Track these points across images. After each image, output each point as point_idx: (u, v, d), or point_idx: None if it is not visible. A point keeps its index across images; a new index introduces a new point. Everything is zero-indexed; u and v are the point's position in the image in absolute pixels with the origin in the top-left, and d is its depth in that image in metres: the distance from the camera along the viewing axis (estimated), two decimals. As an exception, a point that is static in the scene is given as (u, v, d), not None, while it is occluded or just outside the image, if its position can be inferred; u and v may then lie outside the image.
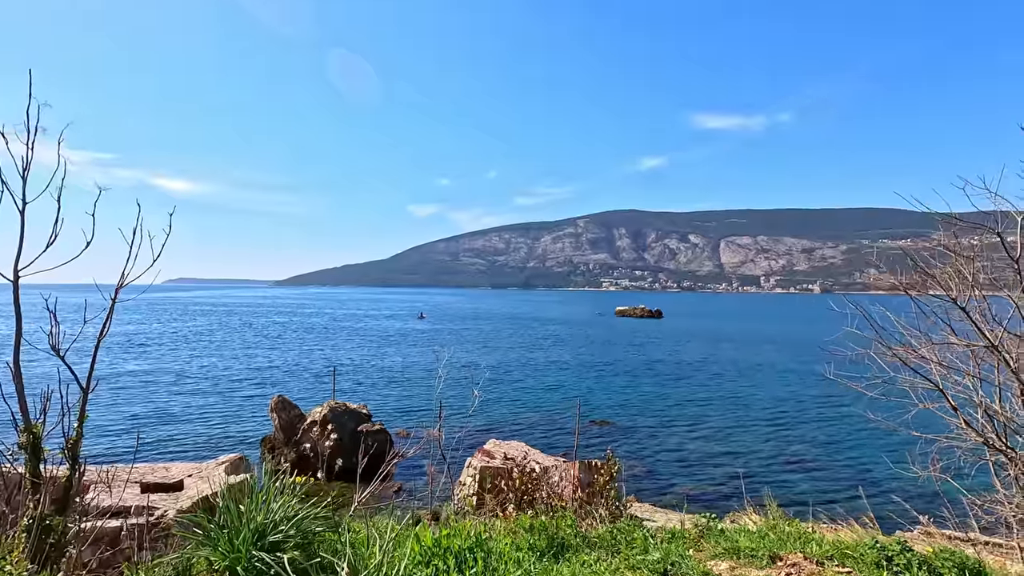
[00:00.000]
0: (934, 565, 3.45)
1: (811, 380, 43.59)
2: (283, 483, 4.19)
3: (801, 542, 3.88)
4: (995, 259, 6.25)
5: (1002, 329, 4.96)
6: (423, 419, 29.37)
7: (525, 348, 62.21)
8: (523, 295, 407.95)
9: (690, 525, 10.84)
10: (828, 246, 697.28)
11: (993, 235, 4.90)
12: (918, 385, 5.98)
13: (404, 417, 29.92)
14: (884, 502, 17.68)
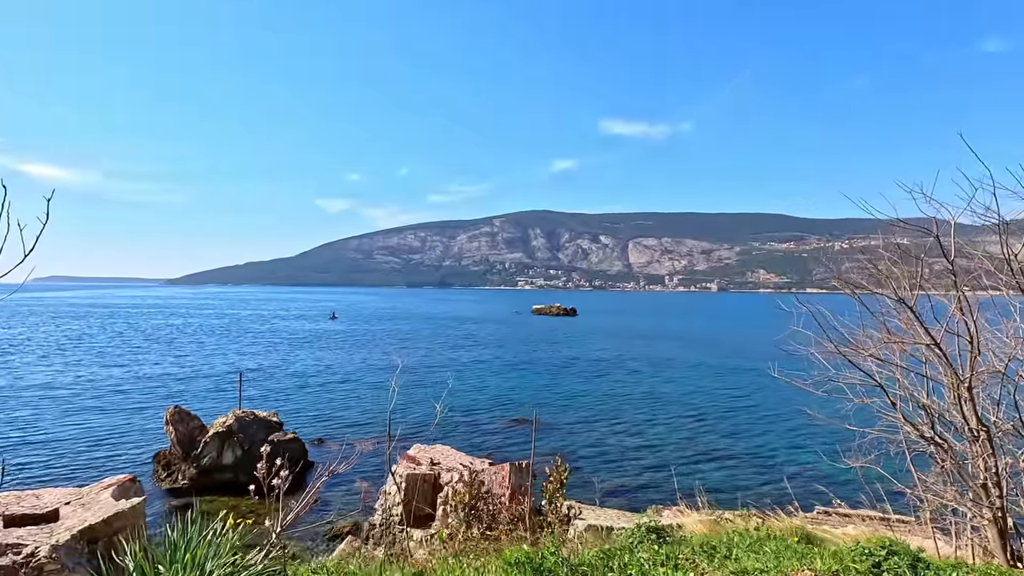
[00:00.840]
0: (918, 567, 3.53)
1: (720, 373, 46.50)
2: (215, 532, 3.43)
3: (799, 557, 3.85)
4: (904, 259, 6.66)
5: (942, 328, 5.24)
6: (340, 426, 27.90)
7: (445, 348, 61.33)
8: (439, 294, 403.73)
9: (630, 524, 10.88)
10: (724, 248, 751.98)
11: (930, 237, 5.15)
12: (854, 381, 6.23)
13: (320, 424, 28.26)
14: (803, 489, 19.06)
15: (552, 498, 6.98)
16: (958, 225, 5.21)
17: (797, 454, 24.49)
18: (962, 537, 7.28)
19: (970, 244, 5.34)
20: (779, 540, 4.68)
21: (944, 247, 5.09)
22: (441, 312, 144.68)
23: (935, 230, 5.09)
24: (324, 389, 36.82)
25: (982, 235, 5.37)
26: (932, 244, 5.13)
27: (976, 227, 5.54)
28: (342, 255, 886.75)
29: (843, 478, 21.29)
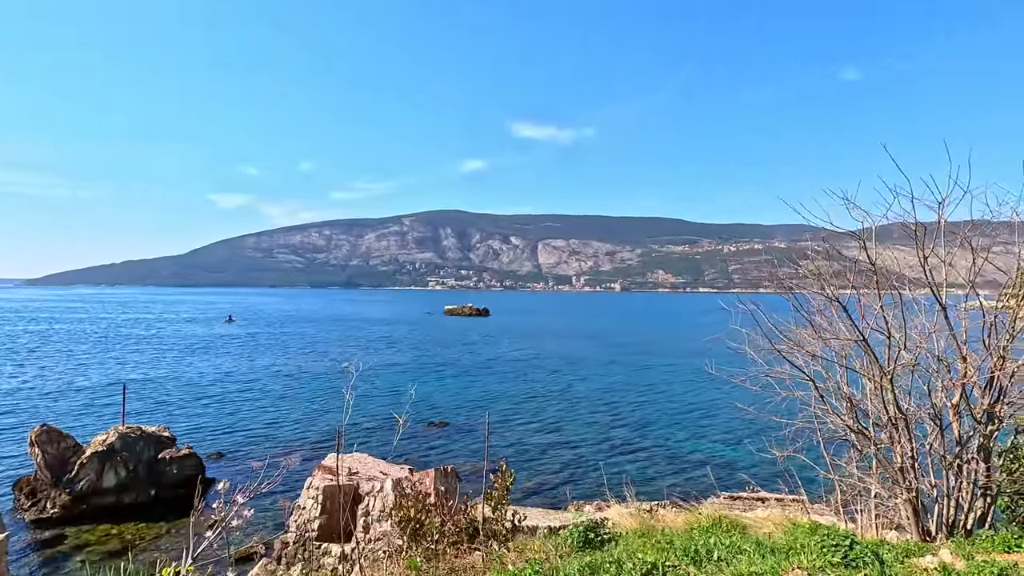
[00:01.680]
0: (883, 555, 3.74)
1: (631, 370, 48.54)
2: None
3: (784, 554, 3.91)
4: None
5: (868, 326, 5.64)
6: (243, 438, 25.83)
7: (357, 351, 58.95)
8: (346, 294, 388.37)
9: (554, 522, 10.87)
10: (626, 250, 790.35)
11: (857, 241, 5.52)
12: (782, 376, 6.57)
13: (220, 437, 25.98)
14: (707, 477, 20.16)
15: (498, 505, 6.75)
16: (880, 229, 5.64)
17: (707, 445, 26.03)
18: (863, 516, 7.97)
19: (888, 248, 5.81)
20: (752, 539, 4.79)
21: (867, 251, 5.50)
22: (350, 313, 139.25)
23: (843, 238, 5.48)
24: (223, 399, 33.96)
25: (896, 240, 5.87)
26: (816, 246, 5.49)
27: (859, 232, 6.07)
28: (239, 253, 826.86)
29: (745, 464, 22.95)
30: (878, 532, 7.33)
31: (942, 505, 5.60)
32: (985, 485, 5.55)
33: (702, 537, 4.81)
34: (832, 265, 7.28)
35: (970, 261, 5.56)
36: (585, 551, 5.77)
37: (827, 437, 7.14)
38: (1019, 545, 4.94)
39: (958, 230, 5.57)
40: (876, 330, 5.68)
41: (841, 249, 7.34)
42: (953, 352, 5.62)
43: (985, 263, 5.49)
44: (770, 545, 4.39)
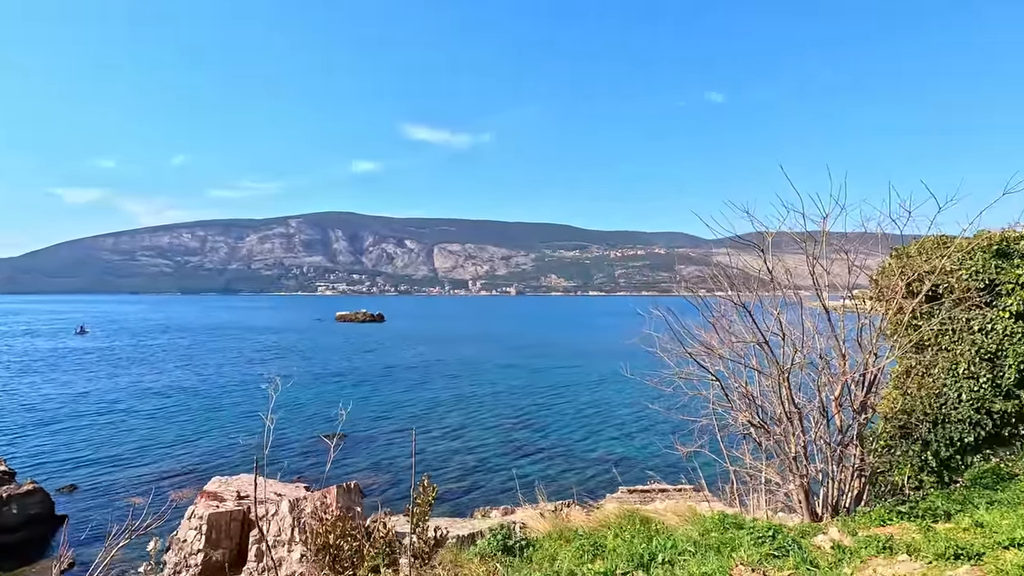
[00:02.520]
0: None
1: (531, 372, 49.44)
2: None
3: (727, 550, 4.05)
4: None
5: (767, 328, 6.16)
6: (102, 467, 22.70)
7: (240, 363, 54.32)
8: (224, 301, 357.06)
9: (463, 531, 10.70)
10: (521, 254, 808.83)
11: (758, 252, 6.02)
12: (689, 377, 6.98)
13: (72, 468, 22.62)
14: (626, 473, 20.98)
15: (420, 521, 6.46)
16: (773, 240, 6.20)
17: (605, 443, 27.13)
18: (754, 501, 8.72)
19: (780, 258, 6.41)
20: (691, 539, 4.97)
21: (765, 259, 6.03)
22: (229, 322, 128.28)
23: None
24: (75, 424, 29.65)
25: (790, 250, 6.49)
26: (691, 252, 5.98)
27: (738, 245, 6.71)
28: (92, 256, 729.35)
29: (642, 458, 24.27)
30: (767, 515, 8.04)
31: (827, 488, 6.26)
32: (860, 468, 6.29)
33: (636, 539, 4.94)
34: (704, 270, 7.89)
35: (846, 269, 6.28)
36: (518, 565, 5.69)
37: (726, 432, 7.72)
38: (891, 519, 5.65)
39: (838, 241, 6.28)
40: (775, 333, 6.23)
41: (715, 256, 7.97)
42: (834, 351, 6.32)
43: (859, 270, 6.24)
44: (707, 543, 4.62)
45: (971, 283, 7.91)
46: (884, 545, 4.77)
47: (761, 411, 6.55)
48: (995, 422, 7.79)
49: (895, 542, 4.99)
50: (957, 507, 5.79)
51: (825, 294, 6.24)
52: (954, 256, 7.48)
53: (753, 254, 7.33)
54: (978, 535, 4.85)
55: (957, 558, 4.28)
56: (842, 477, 6.27)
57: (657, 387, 7.21)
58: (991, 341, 7.83)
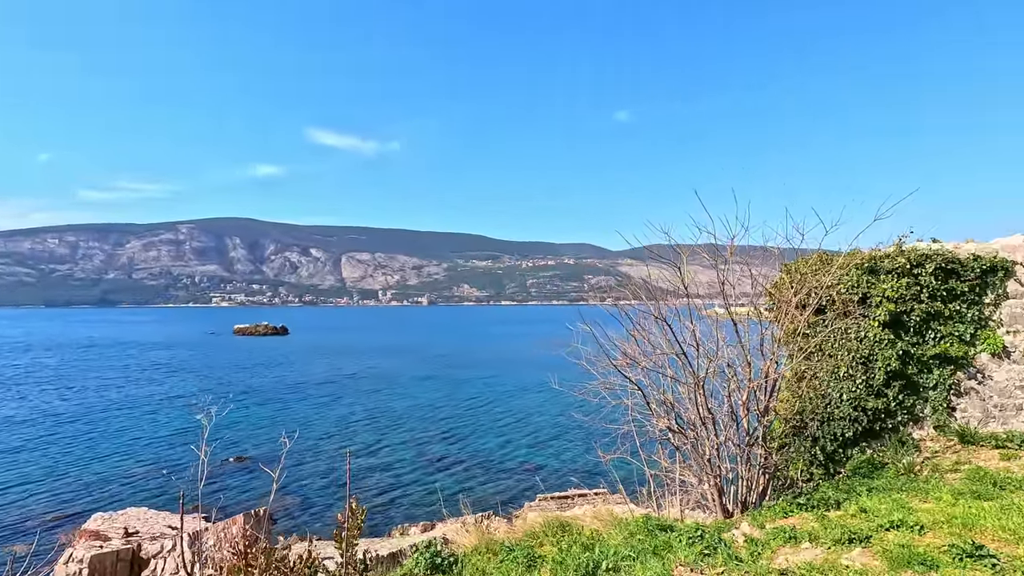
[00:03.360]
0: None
1: (448, 385, 48.88)
2: None
3: (654, 552, 4.24)
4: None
5: (684, 338, 6.63)
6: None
7: (125, 384, 48.96)
8: (101, 314, 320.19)
9: (384, 551, 10.44)
10: (433, 264, 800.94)
11: (674, 267, 6.49)
12: (612, 387, 7.34)
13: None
14: (546, 480, 21.22)
15: (349, 546, 6.22)
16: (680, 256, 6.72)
17: (523, 452, 27.41)
18: (669, 502, 9.27)
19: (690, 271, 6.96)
20: (637, 544, 5.17)
21: (681, 274, 6.54)
22: (108, 337, 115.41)
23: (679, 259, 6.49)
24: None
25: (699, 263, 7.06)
26: (598, 262, 6.46)
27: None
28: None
29: (557, 466, 24.83)
30: (682, 514, 8.59)
31: (737, 486, 6.84)
32: (764, 466, 6.95)
33: (574, 547, 5.10)
34: (610, 279, 8.40)
35: (749, 282, 6.94)
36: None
37: (645, 439, 8.18)
38: (792, 511, 6.28)
39: (742, 257, 6.93)
40: (690, 344, 6.75)
41: (620, 266, 8.52)
42: (741, 359, 6.94)
43: (761, 285, 6.91)
44: (644, 548, 4.87)
45: (848, 296, 9.02)
46: (789, 535, 5.30)
47: (678, 417, 7.04)
48: (869, 418, 8.90)
49: (798, 532, 5.55)
50: (844, 496, 6.55)
51: (733, 307, 6.87)
52: (834, 273, 8.49)
53: (658, 265, 7.89)
54: (864, 520, 5.52)
55: (851, 542, 4.86)
56: (749, 475, 6.88)
57: (584, 397, 7.50)
58: (864, 347, 8.96)
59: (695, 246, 7.00)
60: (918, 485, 6.62)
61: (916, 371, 8.97)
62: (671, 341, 6.83)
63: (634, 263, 9.03)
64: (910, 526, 5.07)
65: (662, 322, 6.83)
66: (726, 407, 6.89)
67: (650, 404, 6.99)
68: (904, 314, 8.84)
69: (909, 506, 5.77)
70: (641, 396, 7.02)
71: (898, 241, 9.16)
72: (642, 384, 7.00)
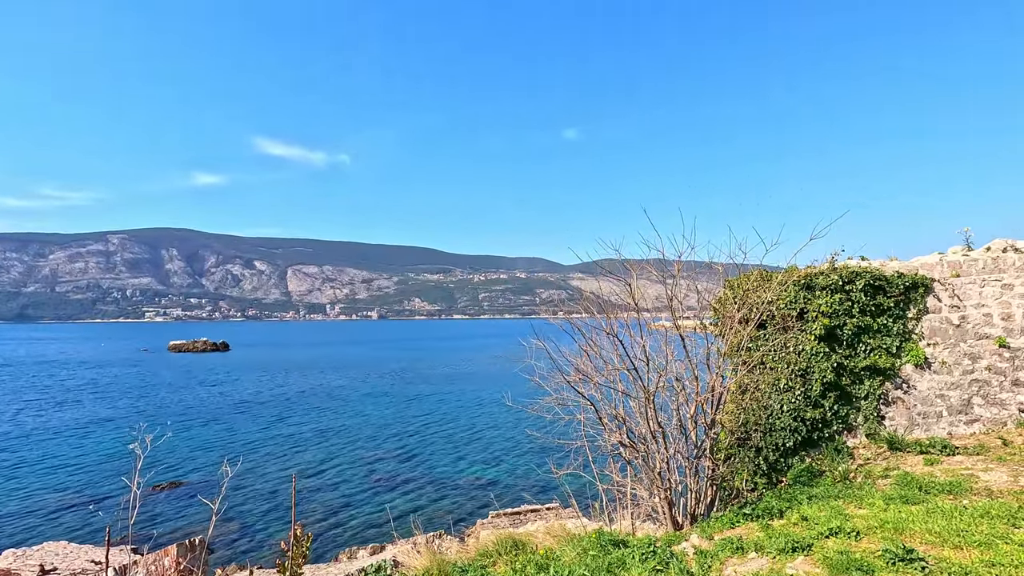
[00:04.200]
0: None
1: (394, 401, 47.83)
2: None
3: (608, 569, 4.20)
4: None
5: (634, 353, 6.74)
6: None
7: (47, 406, 45.26)
8: (19, 330, 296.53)
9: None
10: (383, 277, 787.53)
11: (625, 283, 6.62)
12: (567, 402, 7.37)
13: None
14: (500, 497, 20.93)
15: (293, 571, 5.91)
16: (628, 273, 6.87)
17: (473, 468, 27.06)
18: (620, 516, 9.35)
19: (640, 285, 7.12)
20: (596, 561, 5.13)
21: (631, 290, 6.67)
22: (26, 355, 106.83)
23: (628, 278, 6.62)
24: None
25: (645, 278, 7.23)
26: (550, 277, 6.59)
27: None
28: None
29: (509, 482, 24.65)
30: (633, 527, 8.68)
31: (686, 498, 6.97)
32: (712, 477, 7.12)
33: (528, 567, 5.03)
34: (561, 293, 8.55)
35: (694, 297, 7.17)
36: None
37: (597, 453, 8.24)
38: (739, 521, 6.45)
39: (689, 273, 7.15)
40: (640, 359, 6.87)
41: (571, 280, 8.67)
42: (689, 373, 7.13)
43: (705, 300, 7.15)
44: (599, 565, 4.86)
45: (787, 311, 9.45)
46: (737, 546, 5.44)
47: (630, 431, 7.13)
48: (807, 428, 9.31)
49: (744, 542, 5.70)
50: (787, 504, 6.80)
51: (680, 321, 7.07)
52: (774, 289, 8.90)
53: (609, 280, 8.06)
54: (805, 528, 5.74)
55: (794, 551, 5.03)
56: (698, 487, 7.04)
57: (537, 413, 7.49)
58: (803, 360, 9.39)
59: (644, 261, 7.19)
60: (853, 492, 6.95)
61: (849, 382, 9.48)
62: (622, 356, 6.94)
63: (585, 277, 9.22)
64: (847, 532, 5.30)
65: (613, 337, 6.94)
66: (675, 420, 7.04)
67: (602, 419, 7.06)
68: (838, 328, 9.35)
69: (846, 513, 6.04)
70: (594, 411, 7.07)
71: (831, 259, 9.70)
72: (594, 399, 7.07)
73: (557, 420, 8.15)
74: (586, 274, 7.36)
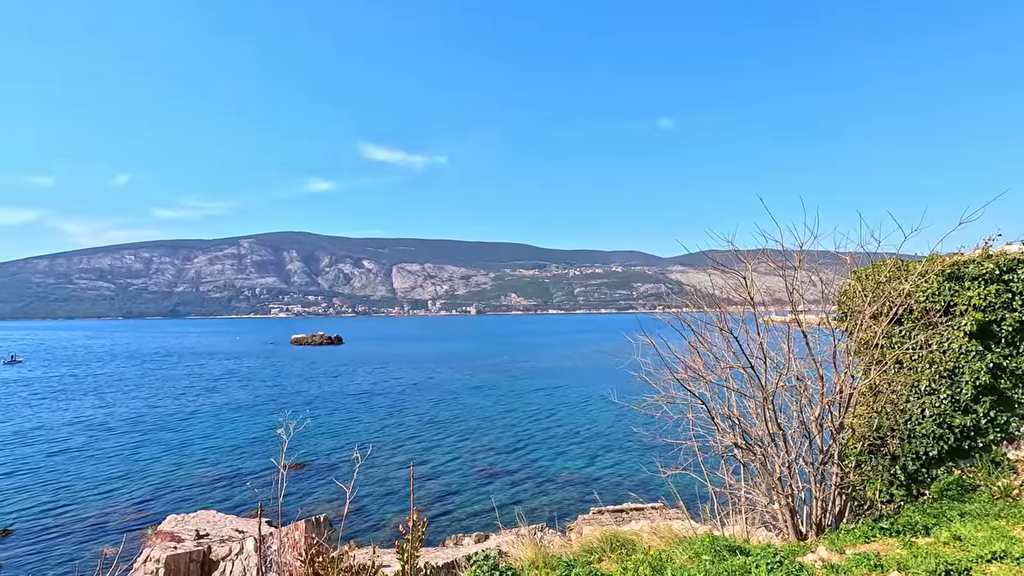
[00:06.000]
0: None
1: (496, 393, 49.05)
2: None
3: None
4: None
5: (751, 350, 6.35)
6: (40, 507, 21.07)
7: (196, 392, 51.71)
8: (172, 325, 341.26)
9: (437, 560, 10.45)
10: (481, 273, 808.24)
11: (740, 276, 6.24)
12: (673, 400, 7.10)
13: (4, 510, 20.88)
14: (591, 494, 20.92)
15: (410, 558, 6.26)
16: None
17: (571, 463, 27.02)
18: (732, 521, 8.86)
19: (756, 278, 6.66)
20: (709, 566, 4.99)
21: (747, 284, 6.26)
22: (179, 347, 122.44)
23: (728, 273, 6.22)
24: (6, 461, 27.54)
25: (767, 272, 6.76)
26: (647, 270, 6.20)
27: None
28: (23, 279, 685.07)
29: (609, 477, 24.35)
30: (748, 533, 8.19)
31: (810, 507, 6.44)
32: (841, 485, 6.52)
33: (640, 568, 4.93)
34: (660, 287, 8.14)
35: (812, 289, 6.59)
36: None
37: (709, 454, 7.86)
38: (874, 535, 5.86)
39: (810, 264, 6.58)
40: (758, 357, 6.44)
41: (670, 274, 8.23)
42: (813, 372, 6.57)
43: (830, 290, 6.54)
44: (720, 570, 4.66)
45: (929, 304, 8.41)
46: (875, 564, 4.93)
47: (745, 433, 6.72)
48: (956, 436, 8.23)
49: (883, 559, 5.16)
50: (933, 521, 6.06)
51: (802, 316, 6.52)
52: (913, 280, 7.94)
53: (718, 272, 7.59)
54: (959, 549, 5.08)
55: (947, 574, 4.47)
56: (824, 495, 6.48)
57: (644, 412, 7.29)
58: (949, 359, 8.31)
59: (762, 250, 6.69)
60: (1019, 511, 6.05)
61: (1009, 385, 8.24)
62: (737, 353, 6.54)
63: (685, 270, 8.70)
64: (1015, 558, 4.62)
65: (727, 333, 6.55)
66: (796, 423, 6.53)
67: (714, 419, 6.71)
68: (994, 323, 8.15)
69: (1011, 535, 5.27)
70: (705, 410, 6.74)
71: (985, 245, 8.47)
72: (705, 398, 6.73)
73: (664, 418, 7.88)
74: (686, 266, 7.02)
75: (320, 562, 5.68)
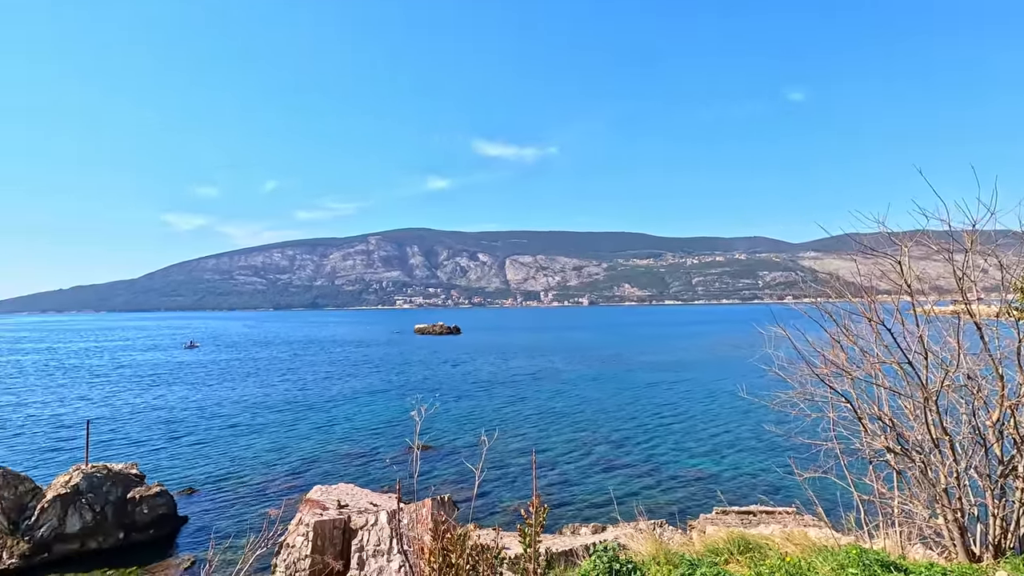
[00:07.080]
0: None
1: (612, 385, 48.55)
2: None
3: None
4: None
5: (907, 344, 5.64)
6: (215, 471, 24.58)
7: (333, 376, 57.24)
8: (312, 316, 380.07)
9: (556, 547, 10.55)
10: (593, 264, 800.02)
11: (894, 260, 5.55)
12: (810, 397, 6.52)
13: (189, 472, 24.65)
14: (711, 493, 20.13)
15: (532, 542, 6.43)
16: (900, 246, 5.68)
17: (690, 460, 25.96)
18: (884, 533, 7.95)
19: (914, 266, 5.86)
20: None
21: (904, 270, 5.54)
22: (318, 336, 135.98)
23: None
24: (191, 431, 32.40)
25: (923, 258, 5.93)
26: (775, 258, 5.51)
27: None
28: (197, 276, 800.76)
29: (729, 478, 23.05)
30: (903, 549, 7.31)
31: (986, 525, 5.59)
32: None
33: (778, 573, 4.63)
34: (789, 275, 7.33)
35: (999, 277, 5.64)
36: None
37: (851, 457, 7.13)
38: (1073, 565, 4.95)
39: (989, 249, 5.66)
40: (917, 352, 5.69)
41: (801, 260, 7.40)
42: (988, 370, 5.67)
43: (1012, 275, 5.58)
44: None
45: None
46: (1075, 596, 4.18)
47: (900, 436, 5.98)
48: None
49: (1086, 593, 4.35)
50: None
51: (975, 306, 5.63)
52: None
53: (864, 257, 6.75)
54: None
55: None
56: (1004, 513, 5.58)
57: (779, 409, 6.77)
58: None
59: (920, 231, 5.83)
60: None
61: None
62: (890, 347, 5.81)
63: (820, 256, 7.79)
64: None
65: (877, 324, 5.85)
66: (966, 428, 5.67)
67: (861, 419, 6.05)
68: None
69: None
70: (849, 409, 6.10)
71: None
72: (849, 396, 6.08)
73: (800, 416, 7.27)
74: (820, 252, 6.33)
75: (449, 538, 6.02)
